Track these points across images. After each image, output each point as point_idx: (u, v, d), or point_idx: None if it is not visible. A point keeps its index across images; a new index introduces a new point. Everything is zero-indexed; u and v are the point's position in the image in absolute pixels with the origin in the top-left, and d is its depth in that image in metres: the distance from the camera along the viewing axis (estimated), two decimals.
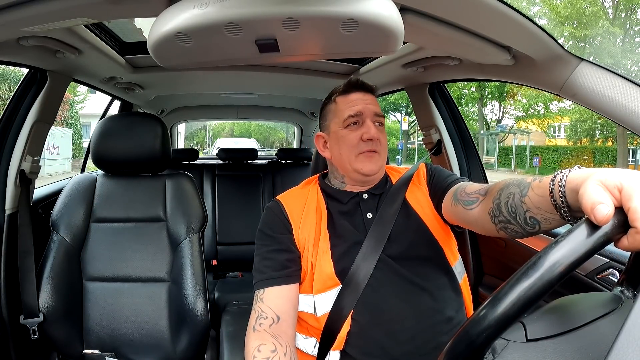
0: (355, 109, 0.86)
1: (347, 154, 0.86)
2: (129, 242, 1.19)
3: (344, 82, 0.91)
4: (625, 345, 0.31)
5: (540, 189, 0.55)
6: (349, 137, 0.85)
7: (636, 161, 15.60)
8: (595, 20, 13.77)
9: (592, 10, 13.95)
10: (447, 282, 0.83)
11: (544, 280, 0.35)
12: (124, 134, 1.21)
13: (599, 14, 13.91)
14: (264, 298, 0.80)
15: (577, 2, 13.86)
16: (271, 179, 2.27)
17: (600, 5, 14.46)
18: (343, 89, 0.89)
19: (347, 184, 0.91)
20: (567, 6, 14.04)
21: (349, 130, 0.86)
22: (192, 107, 2.56)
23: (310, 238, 0.84)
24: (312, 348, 0.82)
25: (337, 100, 0.89)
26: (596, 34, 13.74)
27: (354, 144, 0.85)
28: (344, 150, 0.86)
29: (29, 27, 0.79)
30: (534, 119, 17.24)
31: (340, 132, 0.87)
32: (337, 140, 0.87)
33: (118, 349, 1.12)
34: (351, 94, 0.88)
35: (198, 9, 0.62)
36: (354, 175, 0.88)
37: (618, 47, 14.06)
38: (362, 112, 0.86)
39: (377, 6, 0.62)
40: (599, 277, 0.95)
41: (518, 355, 0.41)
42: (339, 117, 0.87)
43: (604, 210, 0.36)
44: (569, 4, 14.00)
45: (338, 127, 0.87)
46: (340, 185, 0.91)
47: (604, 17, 14.04)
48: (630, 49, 14.29)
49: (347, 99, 0.88)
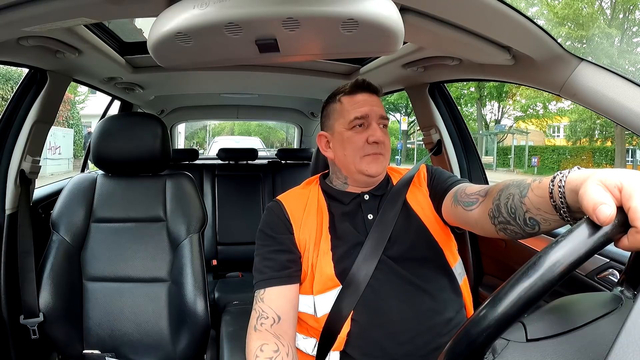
0: (362, 111, 0.85)
1: (352, 156, 0.86)
2: (129, 242, 1.19)
3: (350, 82, 0.90)
4: (625, 345, 0.31)
5: (539, 189, 0.55)
6: (354, 139, 0.85)
7: (635, 161, 15.63)
8: (592, 21, 13.85)
9: (588, 11, 14.03)
10: (447, 283, 0.83)
11: (544, 280, 0.35)
12: (124, 134, 1.21)
13: (595, 15, 13.98)
14: (264, 298, 0.80)
15: (574, 3, 13.93)
16: (271, 179, 2.27)
17: (598, 6, 14.52)
18: (349, 89, 0.88)
19: (350, 185, 0.90)
20: (565, 7, 14.11)
21: (355, 132, 0.85)
22: (192, 107, 2.56)
23: (311, 239, 0.84)
24: (312, 348, 0.82)
25: (342, 101, 0.88)
26: (592, 34, 13.80)
27: (359, 146, 0.85)
28: (349, 151, 0.86)
29: (29, 27, 0.79)
30: (533, 119, 17.28)
31: (346, 134, 0.86)
32: (343, 141, 0.87)
33: (118, 349, 1.12)
34: (357, 95, 0.87)
35: (198, 9, 0.62)
36: (358, 177, 0.87)
37: (615, 47, 14.12)
38: (369, 114, 0.85)
39: (377, 6, 0.62)
40: (599, 277, 0.95)
41: (518, 355, 0.41)
42: (345, 117, 0.87)
43: (607, 210, 0.36)
44: (566, 4, 14.07)
45: (343, 127, 0.87)
46: (342, 186, 0.91)
47: (601, 19, 14.12)
48: (627, 50, 14.33)
49: (353, 99, 0.87)
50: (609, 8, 14.67)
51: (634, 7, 14.10)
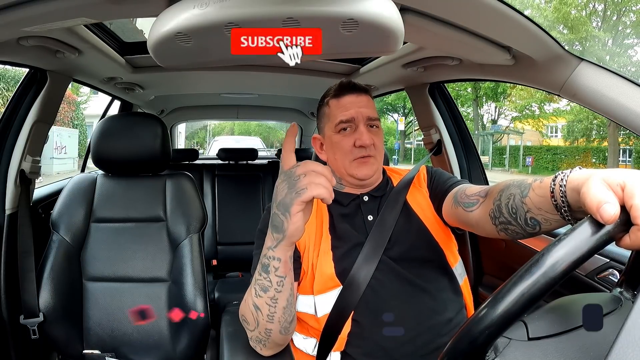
0: (347, 114, 0.85)
1: (341, 160, 0.86)
2: (129, 242, 1.18)
3: (336, 84, 0.89)
4: (625, 345, 0.32)
5: (541, 189, 0.55)
6: (342, 143, 0.85)
7: (626, 160, 15.66)
8: (581, 24, 13.99)
9: (576, 15, 14.24)
10: (447, 283, 0.83)
11: (547, 278, 0.35)
12: (124, 134, 1.21)
13: (582, 19, 14.17)
14: None
15: (562, 7, 14.14)
16: (271, 179, 2.27)
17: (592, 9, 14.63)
18: (334, 92, 0.88)
19: (346, 187, 0.91)
20: (554, 11, 14.30)
21: (342, 135, 0.85)
22: (192, 107, 2.56)
23: (311, 239, 0.84)
24: (312, 348, 0.82)
25: (330, 104, 0.88)
26: (581, 37, 13.90)
27: (347, 150, 0.85)
28: (338, 155, 0.86)
29: (29, 27, 0.79)
30: (529, 119, 17.38)
31: (334, 138, 0.86)
32: (332, 145, 0.87)
33: (118, 349, 1.12)
34: (344, 97, 0.87)
35: (198, 9, 0.62)
36: (350, 179, 0.88)
37: (605, 50, 14.22)
38: (355, 117, 0.85)
39: (377, 6, 0.62)
40: (599, 277, 0.95)
41: (520, 353, 0.41)
42: (332, 121, 0.87)
43: (610, 209, 0.36)
44: (555, 8, 14.26)
45: (331, 131, 0.87)
46: (339, 187, 0.91)
47: (593, 22, 14.26)
48: (617, 52, 14.42)
49: (339, 102, 0.87)
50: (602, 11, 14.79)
51: (627, 9, 14.21)
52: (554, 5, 14.42)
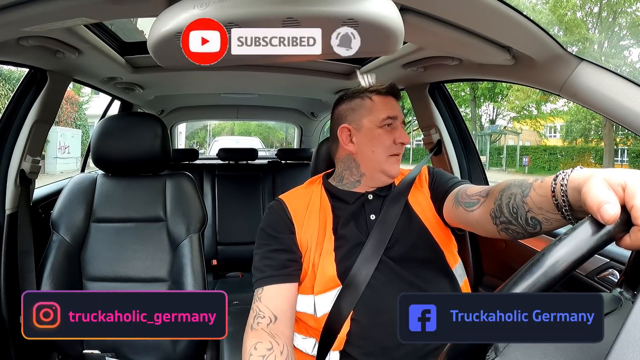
0: (394, 112, 0.88)
1: (379, 154, 0.87)
2: (129, 242, 1.18)
3: (385, 84, 0.91)
4: (625, 345, 0.32)
5: (542, 189, 0.55)
6: (384, 138, 0.87)
7: (623, 160, 15.68)
8: (575, 26, 14.05)
9: (571, 17, 14.27)
10: (447, 284, 0.84)
11: (547, 277, 0.35)
12: (124, 134, 1.21)
13: (577, 21, 14.20)
14: (261, 297, 0.80)
15: (557, 9, 14.17)
16: (271, 179, 2.27)
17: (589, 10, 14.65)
18: (383, 90, 0.90)
19: (362, 184, 0.90)
20: (549, 13, 14.32)
21: (384, 130, 0.87)
22: (192, 107, 2.56)
23: (313, 239, 0.84)
24: (312, 348, 0.82)
25: (374, 99, 0.89)
26: (575, 40, 13.97)
27: (387, 145, 0.87)
28: (377, 148, 0.87)
29: (29, 27, 0.79)
30: (527, 119, 17.43)
31: (376, 131, 0.87)
32: (372, 138, 0.87)
33: (118, 349, 1.12)
34: (389, 97, 0.90)
35: (198, 9, 0.62)
36: (377, 175, 0.88)
37: (599, 52, 14.26)
38: (398, 116, 0.88)
39: (378, 6, 0.62)
40: (599, 277, 0.95)
41: (520, 353, 0.41)
42: (376, 115, 0.87)
43: (611, 209, 0.36)
44: (550, 11, 14.29)
45: (373, 124, 0.87)
46: (351, 185, 0.90)
47: (588, 23, 14.29)
48: (611, 54, 14.46)
49: (385, 99, 0.89)
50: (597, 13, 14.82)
51: (622, 11, 14.25)
52: (549, 7, 14.46)
